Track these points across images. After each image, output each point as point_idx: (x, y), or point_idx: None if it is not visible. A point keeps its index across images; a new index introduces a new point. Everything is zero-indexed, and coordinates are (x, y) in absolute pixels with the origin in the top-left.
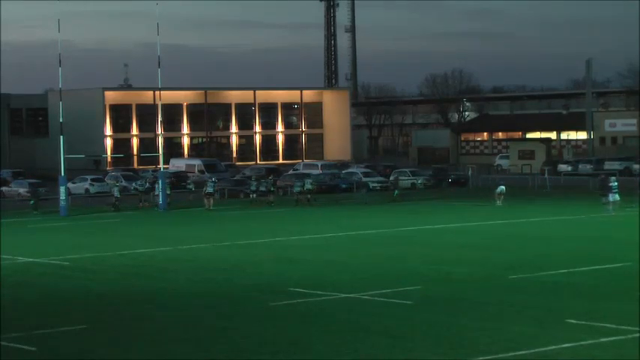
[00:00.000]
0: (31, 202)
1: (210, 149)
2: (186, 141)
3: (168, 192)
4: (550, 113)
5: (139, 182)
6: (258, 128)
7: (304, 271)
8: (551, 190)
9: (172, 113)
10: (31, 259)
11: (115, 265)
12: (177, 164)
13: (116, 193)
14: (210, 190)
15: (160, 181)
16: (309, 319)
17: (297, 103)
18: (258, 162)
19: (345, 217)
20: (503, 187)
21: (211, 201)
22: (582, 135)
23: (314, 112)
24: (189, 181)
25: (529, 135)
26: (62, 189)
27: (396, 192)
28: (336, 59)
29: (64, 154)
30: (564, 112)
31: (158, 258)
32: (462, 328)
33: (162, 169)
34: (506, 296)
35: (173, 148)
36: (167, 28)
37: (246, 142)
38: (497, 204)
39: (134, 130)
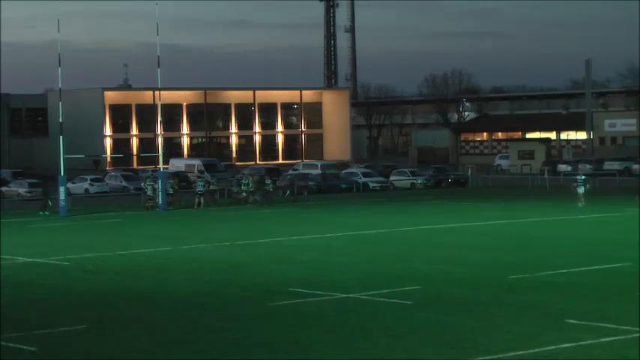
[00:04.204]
0: (49, 202)
1: (210, 149)
2: (185, 141)
3: (171, 192)
4: (550, 113)
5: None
6: (257, 128)
7: (304, 271)
8: (550, 190)
9: (172, 113)
10: (31, 259)
11: (115, 265)
12: (177, 164)
13: (149, 192)
14: (200, 189)
15: (159, 181)
16: (309, 319)
17: (296, 104)
18: (257, 162)
19: (345, 217)
20: (583, 188)
21: (201, 200)
22: (582, 135)
23: (314, 113)
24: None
25: (529, 135)
26: (62, 189)
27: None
28: (336, 59)
29: (63, 154)
30: (564, 112)
31: (158, 258)
32: (461, 328)
33: (161, 169)
34: (506, 296)
35: (173, 148)
36: (167, 28)
37: (246, 142)
38: (579, 205)
39: (134, 130)
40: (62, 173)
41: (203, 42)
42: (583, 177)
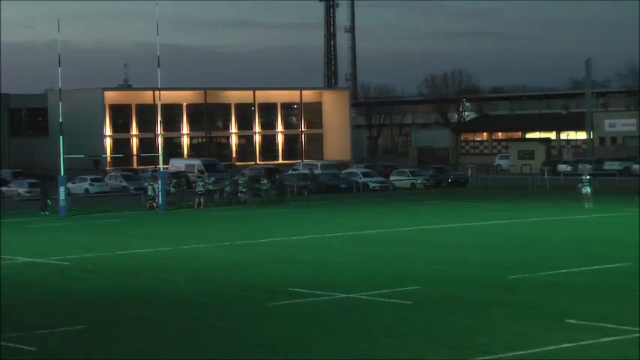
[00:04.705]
0: (48, 202)
1: (210, 149)
2: (185, 141)
3: (173, 191)
4: (550, 113)
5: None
6: (257, 128)
7: (304, 271)
8: (550, 190)
9: (172, 113)
10: (31, 259)
11: (115, 265)
12: (177, 164)
13: (150, 192)
14: (200, 189)
15: (159, 181)
16: (309, 319)
17: (296, 104)
18: (257, 162)
19: (345, 217)
20: (589, 189)
21: (201, 200)
22: (582, 135)
23: (313, 113)
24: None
25: (529, 135)
26: (62, 189)
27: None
28: (336, 59)
29: (63, 154)
30: (564, 112)
31: (158, 258)
32: (461, 328)
33: (161, 169)
34: (506, 296)
35: (172, 148)
36: (167, 28)
37: (246, 142)
38: (587, 206)
39: (134, 130)
40: (62, 173)
41: (203, 42)
42: (588, 177)
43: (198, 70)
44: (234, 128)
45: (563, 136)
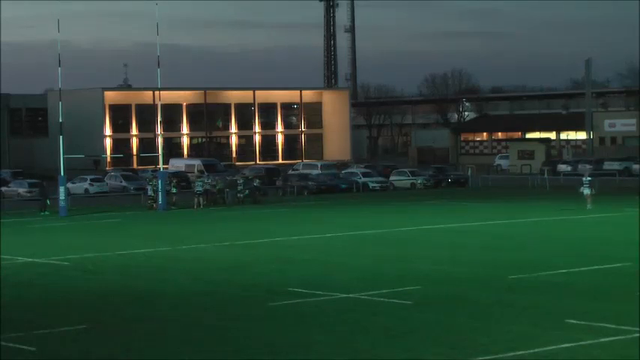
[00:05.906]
0: (47, 201)
1: (210, 149)
2: (185, 141)
3: (174, 191)
4: (549, 113)
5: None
6: (257, 128)
7: (304, 271)
8: (550, 190)
9: (172, 113)
10: (31, 259)
11: (115, 265)
12: (177, 164)
13: (150, 192)
14: (198, 189)
15: (159, 182)
16: (309, 319)
17: (296, 104)
18: (257, 162)
19: (345, 217)
20: (589, 191)
21: (201, 200)
22: (582, 135)
23: (313, 113)
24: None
25: (529, 135)
26: (62, 189)
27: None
28: (336, 59)
29: (63, 154)
30: (564, 112)
31: (158, 258)
32: (462, 328)
33: (161, 170)
34: (506, 296)
35: (172, 148)
36: (167, 28)
37: (246, 142)
38: (588, 207)
39: (134, 130)
40: (62, 173)
41: (203, 42)
42: (589, 178)
43: (198, 70)
44: (234, 128)
45: (563, 136)
